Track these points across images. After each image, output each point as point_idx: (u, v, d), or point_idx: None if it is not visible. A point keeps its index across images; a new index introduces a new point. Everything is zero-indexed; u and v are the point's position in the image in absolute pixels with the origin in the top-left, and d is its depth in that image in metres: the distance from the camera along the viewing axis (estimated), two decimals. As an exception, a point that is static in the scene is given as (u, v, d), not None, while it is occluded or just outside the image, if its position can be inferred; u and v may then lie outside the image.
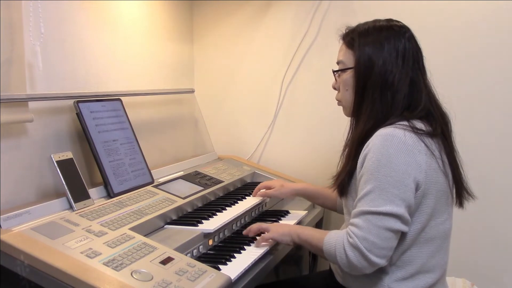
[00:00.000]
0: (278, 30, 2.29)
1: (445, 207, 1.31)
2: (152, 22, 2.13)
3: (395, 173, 1.20)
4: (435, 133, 1.29)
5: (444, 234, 1.32)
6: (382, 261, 1.22)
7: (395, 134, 1.23)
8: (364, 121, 1.32)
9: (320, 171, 2.21)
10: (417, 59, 1.34)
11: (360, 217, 1.23)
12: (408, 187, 1.21)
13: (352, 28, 1.40)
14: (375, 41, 1.32)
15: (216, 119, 2.46)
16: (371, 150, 1.24)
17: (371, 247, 1.20)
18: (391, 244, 1.22)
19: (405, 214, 1.21)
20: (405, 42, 1.32)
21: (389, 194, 1.20)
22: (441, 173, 1.28)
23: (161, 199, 1.62)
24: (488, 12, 1.90)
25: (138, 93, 1.97)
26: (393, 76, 1.29)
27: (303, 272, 2.24)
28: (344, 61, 1.39)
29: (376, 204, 1.21)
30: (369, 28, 1.36)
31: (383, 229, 1.20)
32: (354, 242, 1.22)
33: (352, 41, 1.36)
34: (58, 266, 1.08)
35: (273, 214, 1.87)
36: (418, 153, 1.23)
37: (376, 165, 1.22)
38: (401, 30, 1.34)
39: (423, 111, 1.30)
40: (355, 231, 1.23)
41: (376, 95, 1.31)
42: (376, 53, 1.31)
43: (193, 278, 1.15)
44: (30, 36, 1.44)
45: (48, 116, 1.56)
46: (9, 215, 1.27)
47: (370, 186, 1.22)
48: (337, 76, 1.43)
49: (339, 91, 1.43)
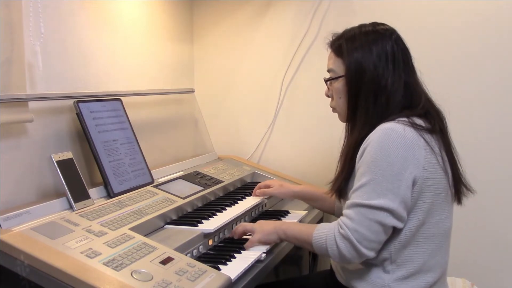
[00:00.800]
0: (278, 30, 2.29)
1: (445, 205, 1.31)
2: (152, 22, 2.13)
3: (391, 167, 1.21)
4: (434, 130, 1.30)
5: (444, 232, 1.32)
6: (371, 253, 1.25)
7: (394, 129, 1.24)
8: (359, 127, 1.33)
9: (320, 171, 2.21)
10: (407, 60, 1.35)
11: (352, 209, 1.25)
12: (404, 182, 1.22)
13: (339, 35, 1.41)
14: (363, 46, 1.33)
15: (216, 119, 2.46)
16: (370, 144, 1.25)
17: (361, 239, 1.22)
18: (381, 237, 1.24)
19: (398, 209, 1.21)
20: (392, 44, 1.33)
21: (383, 188, 1.21)
22: (440, 170, 1.28)
23: (161, 199, 1.62)
24: (488, 12, 1.91)
25: (138, 93, 1.97)
26: (385, 80, 1.30)
27: (303, 272, 2.24)
28: (335, 69, 1.39)
29: (369, 197, 1.22)
30: (356, 34, 1.36)
31: (374, 222, 1.22)
32: (345, 233, 1.24)
33: (340, 48, 1.37)
34: (58, 266, 1.08)
35: (273, 214, 1.87)
36: (417, 148, 1.23)
37: (373, 159, 1.23)
38: (387, 32, 1.35)
39: (422, 109, 1.31)
40: (346, 222, 1.24)
41: (369, 100, 1.31)
42: (366, 58, 1.32)
43: (193, 278, 1.15)
44: (30, 36, 1.44)
45: (48, 116, 1.56)
46: (9, 215, 1.27)
47: (366, 179, 1.24)
48: (329, 84, 1.43)
49: (332, 99, 1.44)
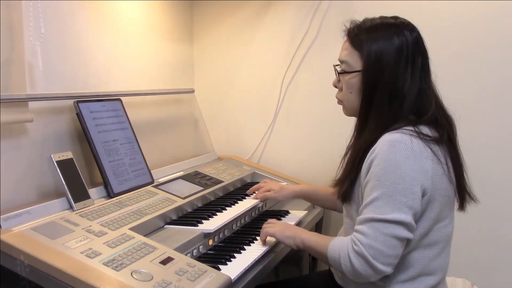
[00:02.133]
0: (278, 30, 2.29)
1: (448, 212, 1.30)
2: (152, 22, 2.13)
3: (402, 180, 1.18)
4: (442, 140, 1.26)
5: (446, 237, 1.31)
6: (388, 268, 1.19)
7: (402, 140, 1.20)
8: (371, 129, 1.28)
9: (320, 171, 2.21)
10: (425, 62, 1.30)
11: (365, 224, 1.20)
12: (415, 194, 1.19)
13: (358, 24, 1.33)
14: (384, 38, 1.26)
15: (216, 119, 2.46)
16: (377, 156, 1.21)
17: (377, 255, 1.17)
18: (397, 251, 1.20)
19: (411, 221, 1.19)
20: (413, 40, 1.27)
21: (396, 201, 1.18)
22: (446, 179, 1.26)
23: (161, 199, 1.62)
24: (489, 12, 1.90)
25: (138, 93, 1.97)
26: (402, 83, 1.25)
27: (303, 272, 2.24)
28: (350, 62, 1.32)
29: (383, 212, 1.18)
30: (377, 25, 1.30)
31: (390, 236, 1.17)
32: (359, 250, 1.19)
33: (358, 39, 1.29)
34: (58, 266, 1.08)
35: (273, 214, 1.87)
36: (425, 160, 1.21)
37: (383, 172, 1.19)
38: (408, 27, 1.29)
39: (431, 117, 1.27)
40: (360, 239, 1.19)
41: (384, 102, 1.26)
42: (386, 51, 1.25)
43: (193, 278, 1.15)
44: (30, 36, 1.44)
45: (48, 116, 1.56)
46: (9, 215, 1.27)
47: (377, 193, 1.19)
48: (340, 75, 1.37)
49: (340, 90, 1.38)
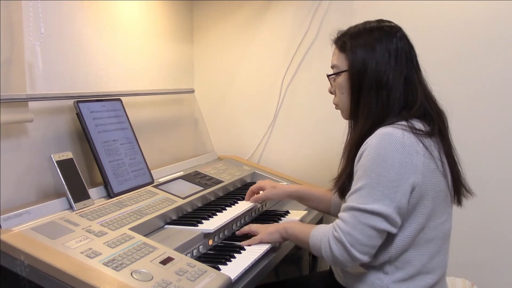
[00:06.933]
0: (278, 30, 2.29)
1: (445, 208, 1.31)
2: (152, 22, 2.13)
3: (387, 173, 1.21)
4: (433, 133, 1.29)
5: (444, 235, 1.32)
6: (365, 257, 1.24)
7: (393, 134, 1.23)
8: (361, 123, 1.33)
9: (320, 171, 2.21)
10: (410, 57, 1.34)
11: (347, 212, 1.25)
12: (400, 187, 1.21)
13: (343, 32, 1.41)
14: (366, 43, 1.33)
15: (216, 119, 2.46)
16: (367, 148, 1.25)
17: (354, 242, 1.22)
18: (375, 242, 1.24)
19: (392, 214, 1.21)
20: (396, 41, 1.33)
21: (378, 193, 1.21)
22: (439, 174, 1.28)
23: (161, 199, 1.62)
24: (489, 12, 1.91)
25: (138, 93, 1.97)
26: (387, 76, 1.30)
27: (303, 272, 2.24)
28: (338, 64, 1.39)
29: (364, 202, 1.22)
30: (360, 30, 1.37)
31: (367, 226, 1.22)
32: (338, 236, 1.24)
33: (344, 44, 1.37)
34: (58, 266, 1.08)
35: (273, 215, 1.87)
36: (415, 154, 1.23)
37: (370, 163, 1.23)
38: (392, 30, 1.35)
39: (420, 109, 1.31)
40: (340, 225, 1.25)
41: (371, 96, 1.31)
42: (369, 54, 1.32)
43: (193, 278, 1.15)
44: (30, 36, 1.44)
45: (48, 116, 1.56)
46: (9, 215, 1.27)
47: (362, 183, 1.24)
48: (332, 80, 1.43)
49: (335, 95, 1.44)
